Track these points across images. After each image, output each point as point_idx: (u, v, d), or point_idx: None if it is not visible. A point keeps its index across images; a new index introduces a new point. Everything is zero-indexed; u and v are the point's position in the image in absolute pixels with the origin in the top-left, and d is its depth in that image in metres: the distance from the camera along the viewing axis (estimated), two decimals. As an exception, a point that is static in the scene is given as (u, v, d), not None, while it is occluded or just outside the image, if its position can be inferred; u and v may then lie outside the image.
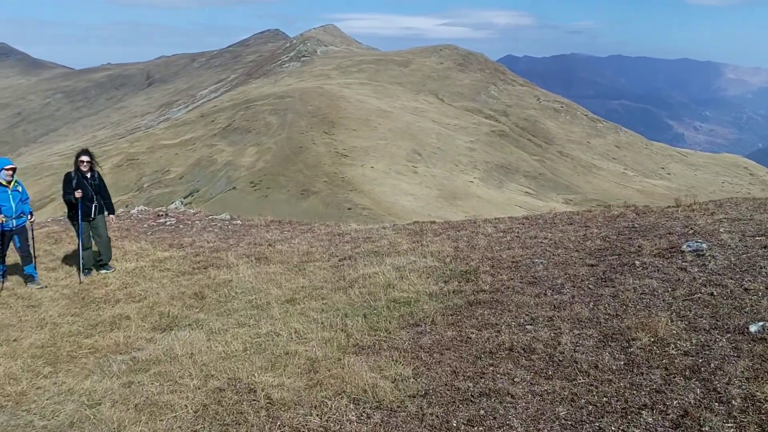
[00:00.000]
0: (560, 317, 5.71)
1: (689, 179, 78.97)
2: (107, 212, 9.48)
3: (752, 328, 4.93)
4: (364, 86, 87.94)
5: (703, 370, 4.52)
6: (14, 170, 8.66)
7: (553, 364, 4.92)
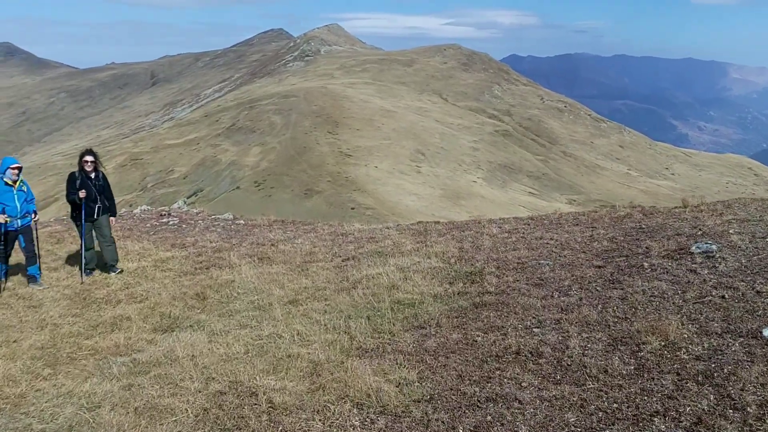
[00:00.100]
0: (568, 320, 5.59)
1: (693, 180, 78.67)
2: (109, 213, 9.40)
3: (765, 332, 4.82)
4: (368, 86, 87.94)
5: (716, 375, 4.40)
6: (20, 169, 8.55)
7: (561, 368, 4.81)
